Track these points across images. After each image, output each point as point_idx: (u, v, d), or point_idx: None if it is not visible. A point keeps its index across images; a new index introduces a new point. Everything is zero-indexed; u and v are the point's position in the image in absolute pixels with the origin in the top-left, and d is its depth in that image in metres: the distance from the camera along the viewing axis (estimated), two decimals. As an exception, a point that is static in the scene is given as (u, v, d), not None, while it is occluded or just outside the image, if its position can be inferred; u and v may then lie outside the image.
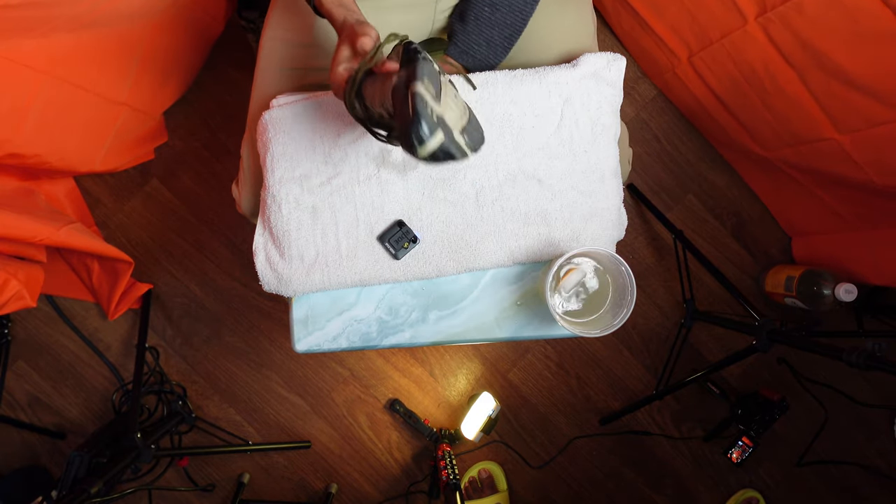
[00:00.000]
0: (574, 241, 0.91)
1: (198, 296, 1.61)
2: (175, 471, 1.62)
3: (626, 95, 1.04)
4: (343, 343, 0.91)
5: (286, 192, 0.87)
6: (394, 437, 1.67)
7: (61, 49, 0.99)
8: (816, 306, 1.44)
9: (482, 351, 1.66)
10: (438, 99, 0.62)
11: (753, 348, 1.21)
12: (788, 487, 1.70)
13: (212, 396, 1.64)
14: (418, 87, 0.60)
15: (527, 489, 1.69)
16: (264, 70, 0.94)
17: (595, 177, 0.90)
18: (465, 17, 0.90)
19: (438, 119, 0.61)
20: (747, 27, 1.10)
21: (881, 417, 1.67)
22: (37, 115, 1.04)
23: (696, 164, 1.62)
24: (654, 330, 1.66)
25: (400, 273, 0.90)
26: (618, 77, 0.91)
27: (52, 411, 1.62)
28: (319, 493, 1.66)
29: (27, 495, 1.51)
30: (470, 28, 0.90)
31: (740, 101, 1.31)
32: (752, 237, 1.64)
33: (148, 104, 1.37)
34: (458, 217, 0.89)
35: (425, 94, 0.60)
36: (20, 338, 1.60)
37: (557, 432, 1.68)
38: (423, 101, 0.60)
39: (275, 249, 0.89)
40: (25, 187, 1.29)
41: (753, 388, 1.63)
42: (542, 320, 0.93)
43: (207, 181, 1.59)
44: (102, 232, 1.58)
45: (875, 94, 0.99)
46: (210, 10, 1.32)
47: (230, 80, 1.56)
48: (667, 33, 1.34)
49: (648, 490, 1.71)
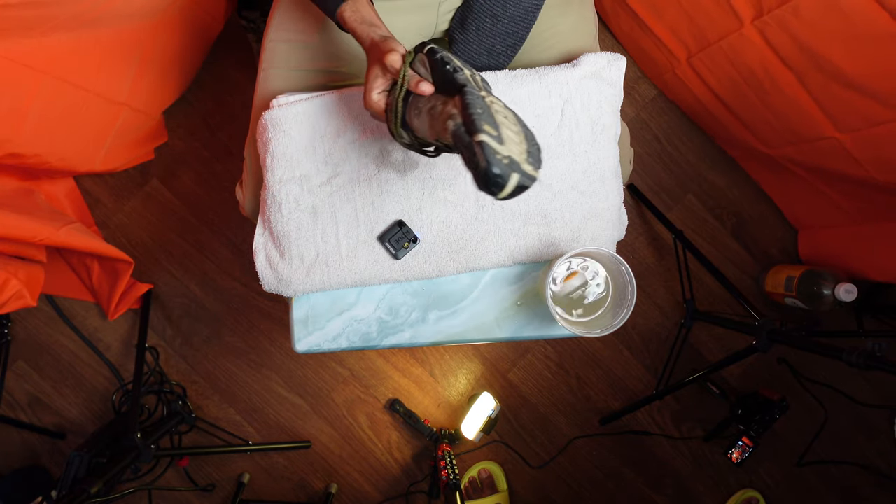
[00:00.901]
0: (574, 241, 0.91)
1: (198, 296, 1.61)
2: (175, 471, 1.62)
3: (627, 95, 1.04)
4: (343, 343, 0.91)
5: (286, 192, 0.87)
6: (394, 437, 1.67)
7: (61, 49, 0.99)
8: (816, 306, 1.44)
9: (482, 351, 1.66)
10: (501, 137, 0.60)
11: (753, 348, 1.21)
12: (788, 487, 1.70)
13: (212, 396, 1.64)
14: (482, 137, 0.59)
15: (527, 489, 1.69)
16: (267, 71, 0.94)
17: (595, 177, 0.90)
18: (465, 26, 0.89)
19: (509, 161, 0.59)
20: (743, 30, 1.10)
21: (881, 417, 1.67)
22: (36, 115, 1.04)
23: (696, 164, 1.62)
24: (654, 330, 1.66)
25: (400, 273, 0.90)
26: (618, 77, 0.91)
27: (52, 411, 1.62)
28: (319, 493, 1.66)
29: (27, 495, 1.51)
30: (471, 38, 0.90)
31: (740, 100, 1.31)
32: (752, 237, 1.64)
33: (148, 104, 1.37)
34: (458, 217, 0.89)
35: (491, 143, 0.59)
36: (20, 338, 1.60)
37: (557, 432, 1.68)
38: (490, 150, 0.59)
39: (275, 249, 0.89)
40: (25, 187, 1.29)
41: (753, 388, 1.63)
42: (542, 320, 0.93)
43: (207, 181, 1.59)
44: (102, 232, 1.58)
45: (874, 94, 0.99)
46: (210, 10, 1.32)
47: (230, 79, 1.56)
48: (666, 34, 1.34)
49: (648, 490, 1.71)
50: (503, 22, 0.87)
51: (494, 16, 0.86)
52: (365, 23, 0.75)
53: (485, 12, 0.86)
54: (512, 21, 0.87)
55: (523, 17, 0.87)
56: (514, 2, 0.85)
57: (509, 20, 0.87)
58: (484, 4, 0.86)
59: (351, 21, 0.75)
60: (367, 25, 0.74)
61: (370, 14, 0.75)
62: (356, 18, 0.75)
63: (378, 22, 0.75)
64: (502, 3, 0.85)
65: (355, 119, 0.88)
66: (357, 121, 0.88)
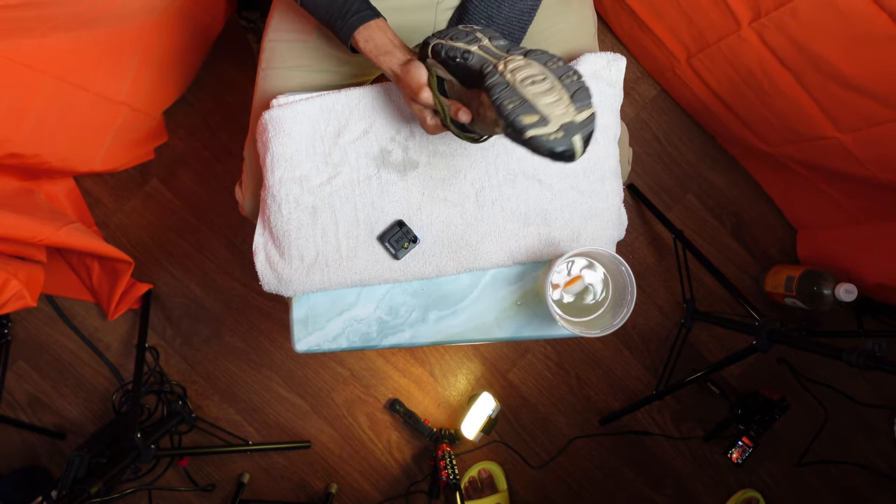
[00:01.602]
0: (574, 241, 0.91)
1: (198, 296, 1.61)
2: (175, 471, 1.62)
3: (626, 95, 1.04)
4: (343, 343, 0.91)
5: (286, 192, 0.87)
6: (394, 437, 1.67)
7: (61, 48, 0.99)
8: (816, 306, 1.44)
9: (482, 351, 1.66)
10: (544, 117, 0.61)
11: (753, 348, 1.21)
12: (788, 487, 1.70)
13: (212, 396, 1.64)
14: (529, 133, 0.60)
15: (527, 489, 1.69)
16: (266, 71, 0.94)
17: (595, 177, 0.90)
18: None
19: (564, 129, 0.61)
20: (741, 32, 1.10)
21: (881, 417, 1.67)
22: (36, 115, 1.04)
23: (696, 164, 1.62)
24: (654, 330, 1.66)
25: (400, 273, 0.90)
26: (618, 77, 0.91)
27: (52, 411, 1.62)
28: (319, 493, 1.66)
29: (27, 495, 1.51)
30: None
31: (740, 100, 1.31)
32: (752, 237, 1.64)
33: (148, 104, 1.37)
34: (458, 217, 0.89)
35: (538, 132, 0.60)
36: (20, 338, 1.60)
37: (557, 432, 1.68)
38: (541, 139, 0.60)
39: (275, 249, 0.89)
40: (25, 187, 1.29)
41: (753, 388, 1.63)
42: (542, 320, 0.93)
43: (207, 181, 1.59)
44: (102, 232, 1.58)
45: (874, 94, 0.99)
46: (210, 10, 1.32)
47: (230, 79, 1.56)
48: (665, 34, 1.34)
49: (648, 490, 1.71)
50: (498, 23, 0.87)
51: (489, 17, 0.86)
52: (381, 53, 0.75)
53: (480, 13, 0.86)
54: (507, 22, 0.87)
55: (518, 19, 0.87)
56: (508, 3, 0.85)
57: (504, 21, 0.87)
58: (479, 6, 0.86)
59: (366, 53, 0.76)
60: (384, 56, 0.75)
61: (384, 41, 0.76)
62: (370, 49, 0.76)
63: (391, 47, 0.76)
64: (497, 5, 0.85)
65: (355, 119, 0.88)
66: (357, 121, 0.88)
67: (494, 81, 0.64)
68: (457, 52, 0.68)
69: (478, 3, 0.86)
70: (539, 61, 0.66)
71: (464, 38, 0.70)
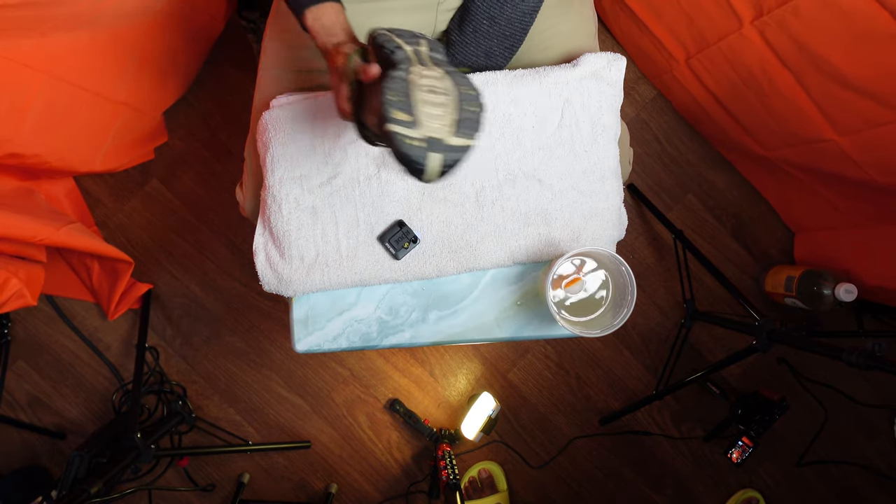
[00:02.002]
0: (574, 241, 0.91)
1: (198, 296, 1.61)
2: (175, 471, 1.62)
3: (626, 96, 1.04)
4: (343, 343, 0.91)
5: (286, 193, 0.87)
6: (394, 437, 1.67)
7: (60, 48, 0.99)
8: (816, 306, 1.44)
9: (482, 351, 1.66)
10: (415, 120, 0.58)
11: (753, 348, 1.21)
12: (788, 487, 1.70)
13: (212, 396, 1.64)
14: (389, 127, 0.58)
15: (527, 489, 1.69)
16: (267, 71, 0.94)
17: (595, 177, 0.91)
18: (463, 28, 0.89)
19: (426, 141, 0.58)
20: (743, 30, 1.10)
21: (881, 417, 1.67)
22: (36, 115, 1.04)
23: (696, 164, 1.62)
24: (654, 330, 1.66)
25: (400, 273, 0.90)
26: (618, 77, 0.91)
27: (52, 411, 1.62)
28: (319, 493, 1.66)
29: (27, 495, 1.51)
30: (468, 39, 0.89)
31: (739, 102, 1.31)
32: (752, 237, 1.64)
33: (147, 104, 1.37)
34: (458, 217, 0.89)
35: (399, 130, 0.57)
36: (20, 338, 1.60)
37: (557, 432, 1.68)
38: (399, 138, 0.57)
39: (275, 249, 0.89)
40: (25, 187, 1.29)
41: (753, 388, 1.63)
42: (542, 320, 0.93)
43: (207, 181, 1.59)
44: (102, 232, 1.58)
45: (874, 95, 0.99)
46: (210, 10, 1.32)
47: (231, 80, 1.56)
48: (665, 35, 1.34)
49: (648, 490, 1.71)
50: (500, 24, 0.87)
51: (491, 18, 0.86)
52: (326, 34, 0.72)
53: (482, 14, 0.86)
54: (509, 23, 0.87)
55: (520, 20, 0.87)
56: (511, 4, 0.85)
57: (506, 22, 0.87)
58: (481, 6, 0.86)
59: (313, 32, 0.73)
60: (325, 35, 0.72)
61: (332, 22, 0.73)
62: (317, 28, 0.73)
63: (337, 30, 0.73)
64: (499, 6, 0.85)
65: (355, 119, 0.88)
66: (357, 121, 0.88)
67: (396, 75, 0.61)
68: (391, 44, 0.65)
69: (480, 3, 0.85)
70: (453, 80, 0.63)
71: (407, 38, 0.68)
